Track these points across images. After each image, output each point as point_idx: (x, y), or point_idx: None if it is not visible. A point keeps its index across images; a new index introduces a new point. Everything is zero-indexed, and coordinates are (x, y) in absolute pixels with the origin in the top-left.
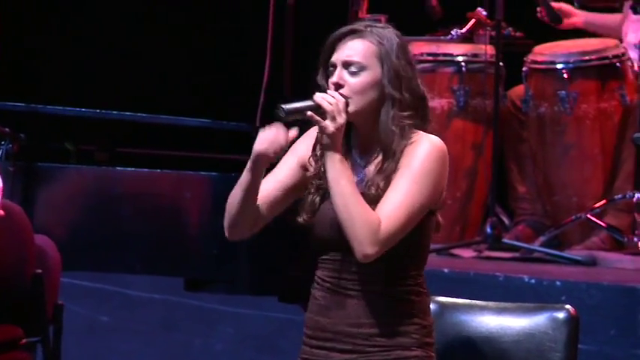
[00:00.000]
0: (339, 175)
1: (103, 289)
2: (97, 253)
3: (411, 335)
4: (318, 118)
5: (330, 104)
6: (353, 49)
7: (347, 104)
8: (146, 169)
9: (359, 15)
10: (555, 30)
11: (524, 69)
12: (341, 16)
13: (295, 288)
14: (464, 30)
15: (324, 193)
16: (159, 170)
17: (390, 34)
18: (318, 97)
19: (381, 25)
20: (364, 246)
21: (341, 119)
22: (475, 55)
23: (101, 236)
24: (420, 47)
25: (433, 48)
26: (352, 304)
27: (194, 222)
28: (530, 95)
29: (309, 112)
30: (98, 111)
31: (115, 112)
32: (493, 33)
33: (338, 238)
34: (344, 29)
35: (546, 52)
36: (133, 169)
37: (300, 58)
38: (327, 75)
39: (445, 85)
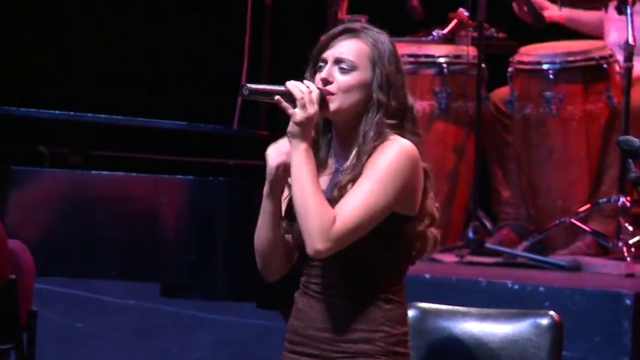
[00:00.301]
0: (302, 165)
1: (77, 295)
2: (71, 259)
3: (375, 343)
4: (286, 104)
5: (302, 92)
6: (346, 48)
7: (323, 98)
8: (121, 173)
9: (338, 15)
10: (537, 31)
11: (509, 69)
12: (320, 17)
13: (274, 294)
14: (445, 31)
15: None
16: (134, 174)
17: (384, 38)
18: (291, 83)
19: (376, 29)
20: (315, 241)
21: (312, 109)
22: (457, 57)
23: (75, 241)
24: (400, 48)
25: (414, 49)
26: (317, 307)
27: (170, 227)
28: (515, 96)
29: (277, 97)
30: (72, 113)
31: (89, 114)
32: (475, 34)
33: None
34: (339, 27)
35: (532, 52)
36: (107, 172)
37: (278, 59)
38: (316, 70)
39: (426, 87)
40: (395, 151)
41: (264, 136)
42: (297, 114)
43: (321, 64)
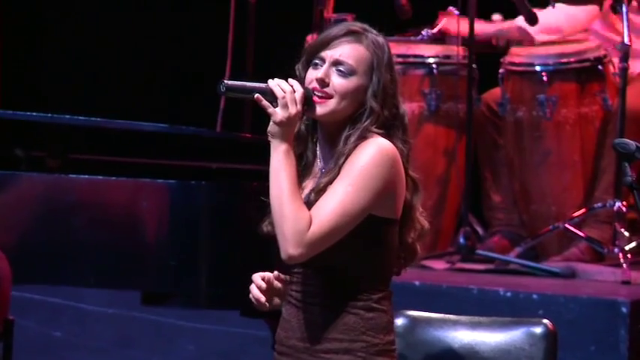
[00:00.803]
0: (280, 166)
1: (55, 303)
2: (48, 265)
3: (356, 353)
4: (266, 102)
5: (284, 91)
6: (347, 51)
7: (310, 98)
8: (100, 177)
9: (324, 14)
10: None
11: (500, 71)
12: (305, 15)
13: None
14: (435, 30)
15: None
16: (114, 178)
17: (384, 43)
18: (273, 81)
19: (375, 31)
20: (288, 245)
21: (293, 109)
22: (447, 57)
23: (53, 247)
24: None
25: (403, 49)
26: (298, 316)
27: (151, 232)
28: (507, 99)
29: (257, 95)
30: (49, 115)
31: (67, 116)
32: (465, 34)
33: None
34: (342, 28)
35: (524, 53)
36: (86, 176)
37: (263, 59)
38: (309, 66)
39: (415, 88)
40: (371, 151)
41: (248, 138)
42: (278, 113)
43: (317, 61)
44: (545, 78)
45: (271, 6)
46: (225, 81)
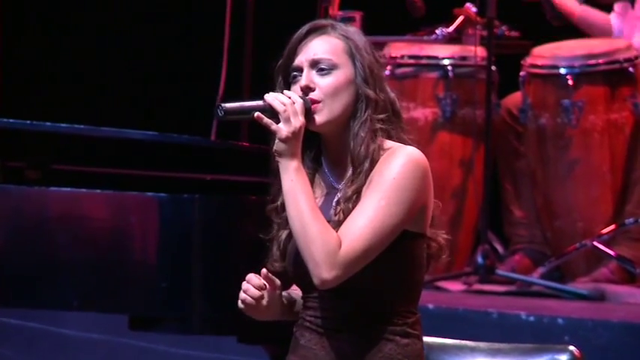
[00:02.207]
0: (295, 186)
1: (34, 328)
2: (26, 287)
3: None
4: (268, 120)
5: (284, 104)
6: (320, 47)
7: (308, 108)
8: (84, 189)
9: (329, 12)
10: (556, 29)
11: (521, 74)
12: (308, 14)
13: (257, 327)
14: (450, 29)
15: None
16: (99, 190)
17: (355, 30)
18: (270, 96)
19: (338, 21)
20: (321, 269)
21: (297, 122)
22: (463, 58)
23: (31, 267)
24: (399, 49)
25: (415, 50)
26: (324, 344)
27: (140, 250)
28: (528, 104)
29: (257, 114)
30: (29, 122)
31: (47, 123)
32: (484, 32)
33: (307, 275)
34: (304, 28)
35: (547, 54)
36: (69, 189)
37: (261, 62)
38: (290, 84)
39: (429, 93)
40: (402, 161)
41: (245, 148)
42: (282, 129)
43: (295, 73)
44: (570, 81)
45: (271, 3)
46: (223, 105)
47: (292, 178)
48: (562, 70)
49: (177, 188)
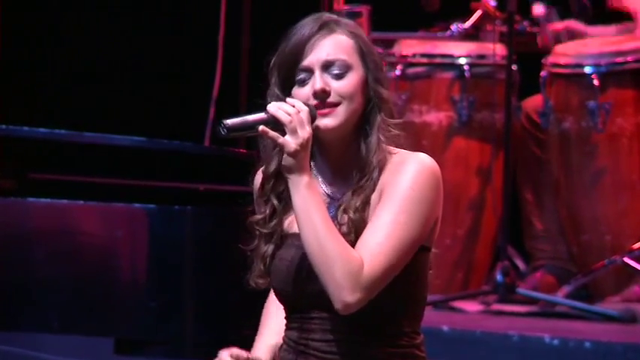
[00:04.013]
0: (308, 205)
1: (10, 352)
2: (2, 307)
3: None
4: (275, 133)
5: (289, 115)
6: (332, 47)
7: (312, 114)
8: (65, 200)
9: (334, 6)
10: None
11: (542, 74)
12: (311, 8)
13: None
14: (467, 25)
15: (280, 241)
16: (81, 201)
17: (355, 24)
18: (273, 107)
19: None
20: (344, 293)
21: (304, 133)
22: (481, 57)
23: (8, 285)
24: (411, 46)
25: (428, 47)
26: None
27: (127, 267)
28: (550, 107)
29: (262, 128)
30: (4, 127)
31: (25, 127)
32: (504, 28)
33: (308, 299)
34: (309, 24)
35: (571, 52)
36: (48, 199)
37: (259, 62)
38: (292, 85)
39: (444, 95)
40: (416, 170)
41: (241, 155)
42: (290, 142)
43: (302, 75)
44: (596, 82)
45: None
46: (225, 122)
47: (304, 195)
48: (587, 70)
49: (167, 199)
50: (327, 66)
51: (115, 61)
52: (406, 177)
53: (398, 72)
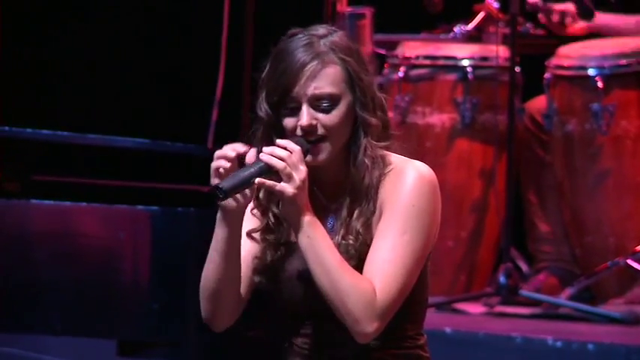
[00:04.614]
0: (314, 243)
1: (13, 354)
2: (5, 309)
3: None
4: (271, 183)
5: (282, 159)
6: (321, 80)
7: (303, 150)
8: (68, 202)
9: (337, 8)
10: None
11: (546, 76)
12: (314, 9)
13: (255, 352)
14: (470, 26)
15: (287, 249)
16: (85, 203)
17: (346, 42)
18: (265, 156)
19: (324, 31)
20: (362, 324)
21: (300, 174)
22: (484, 59)
23: (10, 287)
24: (414, 48)
25: (431, 49)
26: None
27: (130, 269)
28: (554, 109)
29: (259, 180)
30: (7, 128)
31: (29, 129)
32: (507, 30)
33: (316, 307)
34: (302, 56)
35: (574, 54)
36: (51, 201)
37: (263, 63)
38: (278, 109)
39: (446, 97)
40: (414, 183)
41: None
42: (287, 188)
43: (292, 104)
44: (600, 84)
45: None
46: (221, 185)
47: (309, 234)
48: (591, 72)
49: (170, 201)
50: (314, 100)
51: (119, 62)
52: (405, 193)
53: (401, 74)
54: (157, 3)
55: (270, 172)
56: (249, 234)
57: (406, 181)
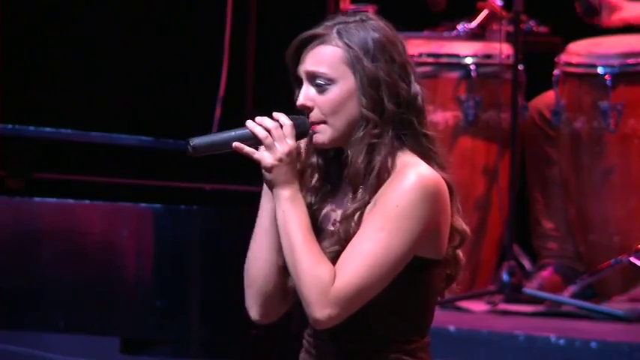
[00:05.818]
0: (287, 218)
1: (16, 352)
2: (9, 307)
3: None
4: (250, 149)
5: (267, 129)
6: (316, 58)
7: (302, 128)
8: (72, 200)
9: (340, 6)
10: (591, 25)
11: (555, 72)
12: (317, 7)
13: (259, 350)
14: (473, 24)
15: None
16: (88, 201)
17: (364, 31)
18: (251, 123)
19: (355, 19)
20: (313, 308)
21: (284, 147)
22: (487, 56)
23: (14, 285)
24: (417, 46)
25: (434, 47)
26: None
27: (133, 266)
28: (562, 106)
29: (236, 144)
30: (10, 127)
31: (32, 127)
32: (511, 28)
33: None
34: (305, 34)
35: (583, 51)
36: (54, 199)
37: (266, 60)
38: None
39: (450, 95)
40: (408, 186)
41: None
42: (265, 157)
43: (300, 83)
44: (608, 82)
45: None
46: (192, 141)
47: (284, 208)
48: (599, 70)
49: (173, 199)
50: (311, 77)
51: (122, 60)
52: (395, 193)
53: None
54: (161, 1)
55: (256, 141)
56: None
57: (401, 182)
